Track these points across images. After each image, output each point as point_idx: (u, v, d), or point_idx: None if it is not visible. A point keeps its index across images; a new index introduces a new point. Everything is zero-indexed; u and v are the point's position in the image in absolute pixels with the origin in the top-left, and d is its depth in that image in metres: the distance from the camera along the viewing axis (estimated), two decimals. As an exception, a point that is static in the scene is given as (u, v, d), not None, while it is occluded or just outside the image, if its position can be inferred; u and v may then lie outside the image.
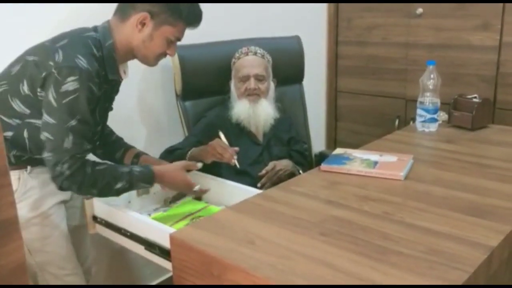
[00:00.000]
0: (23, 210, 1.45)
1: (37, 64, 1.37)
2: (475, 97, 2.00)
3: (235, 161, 1.71)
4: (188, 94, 2.08)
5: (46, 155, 1.36)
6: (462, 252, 1.01)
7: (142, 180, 1.48)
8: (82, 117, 1.36)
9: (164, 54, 1.53)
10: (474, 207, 1.23)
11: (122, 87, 1.65)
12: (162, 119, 2.22)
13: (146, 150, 1.79)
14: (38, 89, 1.37)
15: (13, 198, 0.78)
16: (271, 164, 1.90)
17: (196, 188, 1.58)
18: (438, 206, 1.23)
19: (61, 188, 1.39)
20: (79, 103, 1.35)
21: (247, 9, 2.41)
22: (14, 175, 1.43)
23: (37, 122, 1.40)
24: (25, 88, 1.39)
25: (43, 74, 1.34)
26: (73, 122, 1.35)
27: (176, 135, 2.12)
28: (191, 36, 2.10)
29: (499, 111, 2.36)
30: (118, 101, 1.66)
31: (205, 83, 2.09)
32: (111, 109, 1.64)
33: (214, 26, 2.24)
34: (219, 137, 1.76)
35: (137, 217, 1.50)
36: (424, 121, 1.92)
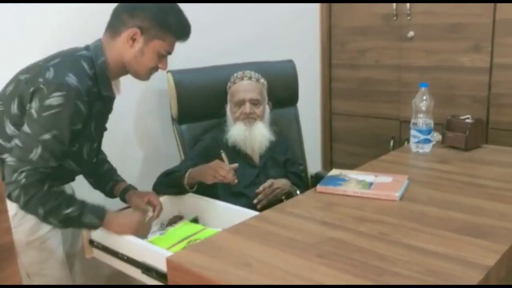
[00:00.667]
0: (21, 234, 1.44)
1: (27, 81, 1.39)
2: (468, 118, 2.02)
3: (236, 181, 1.73)
4: (184, 118, 2.09)
5: (9, 159, 1.36)
6: (459, 272, 1.02)
7: (92, 212, 1.46)
8: (58, 133, 1.36)
9: (155, 68, 1.55)
10: (470, 227, 1.23)
11: (120, 111, 1.66)
12: (158, 143, 2.23)
13: (142, 173, 1.80)
14: (27, 106, 1.37)
15: (9, 224, 0.78)
16: (268, 182, 1.90)
17: (148, 218, 1.61)
18: (433, 226, 1.24)
19: (9, 196, 1.34)
20: (60, 119, 1.35)
21: (241, 34, 2.45)
22: None
23: None
24: (15, 107, 1.41)
25: (31, 89, 1.36)
26: (46, 136, 1.35)
27: (173, 158, 2.13)
28: (186, 61, 2.14)
29: (492, 131, 2.39)
30: (115, 125, 1.68)
31: (201, 107, 2.11)
32: (105, 129, 1.64)
33: (209, 51, 2.28)
34: (220, 158, 1.77)
35: (134, 240, 1.49)
36: (418, 142, 1.94)
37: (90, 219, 1.45)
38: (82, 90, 1.37)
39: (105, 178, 1.75)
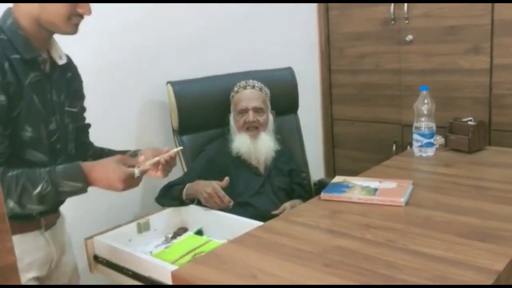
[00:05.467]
0: None
1: None
2: (470, 120, 2.02)
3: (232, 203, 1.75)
4: (185, 129, 2.09)
5: None
6: (468, 278, 1.00)
7: (66, 177, 1.21)
8: None
9: (76, 14, 1.27)
10: (477, 231, 1.22)
11: (119, 124, 1.64)
12: (160, 155, 2.22)
13: (145, 185, 1.78)
14: None
15: (12, 244, 0.77)
16: (282, 207, 1.90)
17: (137, 172, 1.28)
18: (440, 231, 1.23)
19: None
20: None
21: (239, 42, 2.45)
22: None
23: None
24: None
25: None
26: None
27: (174, 170, 2.12)
28: (185, 72, 2.15)
29: (495, 133, 2.37)
30: (116, 138, 1.66)
31: (202, 117, 2.11)
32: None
33: (207, 61, 2.28)
34: (224, 171, 1.77)
35: (138, 255, 1.48)
36: (421, 146, 1.93)
37: (69, 187, 1.22)
38: None
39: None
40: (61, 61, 1.37)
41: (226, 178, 1.76)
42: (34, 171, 1.21)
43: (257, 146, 1.96)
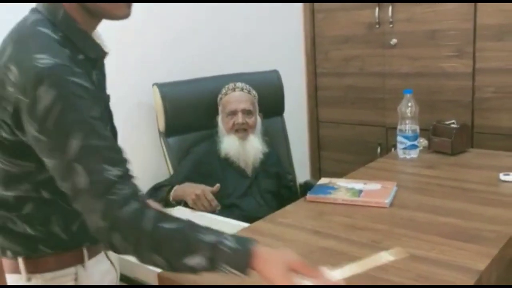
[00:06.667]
0: None
1: None
2: (453, 123, 2.05)
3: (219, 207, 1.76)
4: (171, 131, 2.09)
5: (75, 206, 0.91)
6: (451, 277, 1.02)
7: (229, 263, 0.90)
8: (85, 129, 0.88)
9: None
10: (459, 232, 1.24)
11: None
12: (146, 157, 2.21)
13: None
14: (17, 133, 0.93)
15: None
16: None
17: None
18: (424, 232, 1.25)
19: (112, 246, 0.90)
20: (70, 113, 0.87)
21: (225, 45, 2.46)
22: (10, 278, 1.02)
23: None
24: None
25: (10, 109, 0.91)
26: (73, 146, 0.86)
27: (161, 171, 2.11)
28: (171, 74, 2.14)
29: (477, 135, 2.41)
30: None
31: (189, 119, 2.11)
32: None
33: (193, 63, 2.28)
34: (212, 172, 1.77)
35: (124, 257, 1.47)
36: (405, 148, 1.95)
37: (225, 270, 0.91)
38: (65, 61, 0.91)
39: None
40: (107, 49, 1.10)
41: (217, 185, 1.76)
42: (196, 235, 0.91)
43: (245, 148, 1.97)
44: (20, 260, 1.02)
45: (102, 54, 1.07)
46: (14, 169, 0.97)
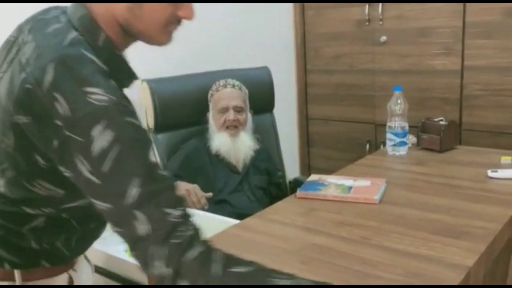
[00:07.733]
0: None
1: (33, 131, 0.82)
2: (441, 120, 2.06)
3: (206, 207, 1.75)
4: (161, 127, 2.07)
5: (132, 253, 0.83)
6: (439, 273, 1.03)
7: None
8: (143, 174, 0.80)
9: (175, 21, 0.95)
10: (448, 228, 1.25)
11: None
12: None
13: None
14: (61, 168, 0.84)
15: None
16: None
17: None
18: (413, 229, 1.25)
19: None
20: (127, 158, 0.80)
21: (215, 41, 2.45)
22: None
23: None
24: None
25: (56, 143, 0.80)
26: (132, 193, 0.78)
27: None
28: (160, 69, 2.13)
29: (466, 132, 2.44)
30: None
31: (178, 115, 2.10)
32: None
33: (183, 59, 2.27)
34: (203, 169, 1.76)
35: (112, 253, 1.46)
36: (394, 145, 1.96)
37: None
38: (118, 96, 0.82)
39: None
40: (137, 74, 1.02)
41: (211, 194, 1.76)
42: (270, 280, 0.84)
43: (237, 144, 1.97)
44: (17, 271, 0.98)
45: (134, 80, 0.98)
46: (42, 191, 0.90)
